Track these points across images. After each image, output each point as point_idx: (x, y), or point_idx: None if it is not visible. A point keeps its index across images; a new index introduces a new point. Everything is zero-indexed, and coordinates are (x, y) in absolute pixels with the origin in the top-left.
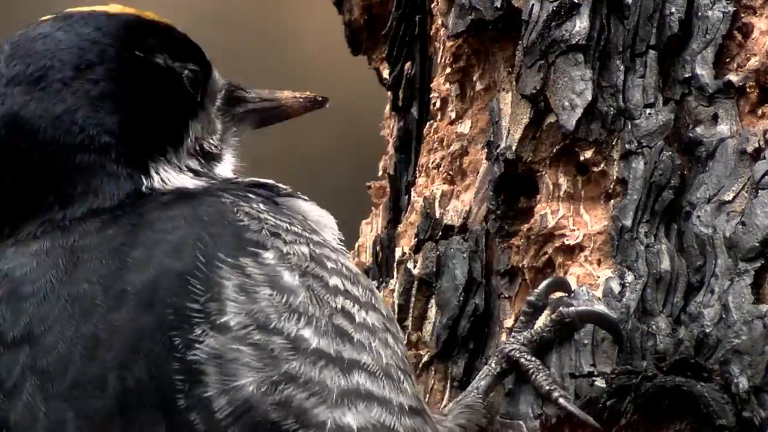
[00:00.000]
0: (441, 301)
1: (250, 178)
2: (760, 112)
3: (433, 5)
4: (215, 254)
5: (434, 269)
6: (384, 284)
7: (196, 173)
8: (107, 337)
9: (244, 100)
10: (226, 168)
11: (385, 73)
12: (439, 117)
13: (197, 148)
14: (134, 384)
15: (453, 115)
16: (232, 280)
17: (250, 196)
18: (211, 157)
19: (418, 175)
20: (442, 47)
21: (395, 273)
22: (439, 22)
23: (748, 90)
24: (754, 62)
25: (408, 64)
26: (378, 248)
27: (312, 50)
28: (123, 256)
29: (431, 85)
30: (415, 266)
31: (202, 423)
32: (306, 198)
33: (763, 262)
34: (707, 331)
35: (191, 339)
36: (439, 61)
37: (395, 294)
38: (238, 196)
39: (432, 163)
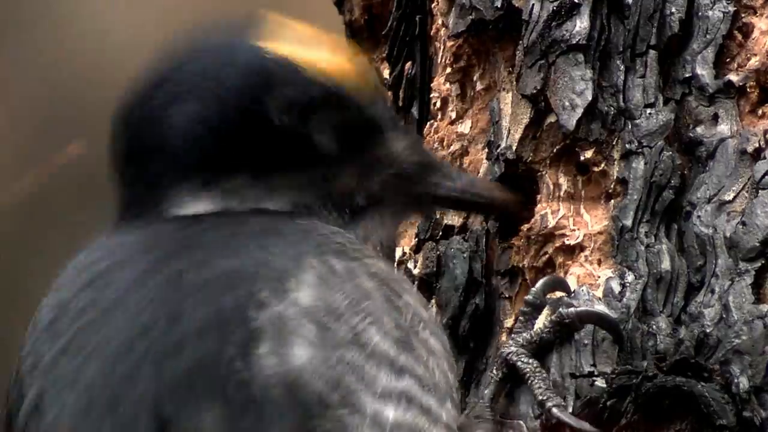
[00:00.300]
0: (441, 301)
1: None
2: (760, 112)
3: (433, 5)
4: (306, 249)
5: (434, 269)
6: None
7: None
8: (191, 311)
9: (439, 183)
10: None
11: (386, 73)
12: (439, 117)
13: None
14: (210, 352)
15: (453, 115)
16: (316, 269)
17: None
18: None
19: None
20: (442, 47)
21: None
22: (440, 22)
23: (748, 90)
24: (754, 62)
25: (408, 64)
26: (378, 248)
27: None
28: (211, 252)
29: (431, 85)
30: (415, 266)
31: (246, 388)
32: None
33: (763, 262)
34: (708, 331)
35: (260, 303)
36: (439, 61)
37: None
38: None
39: None
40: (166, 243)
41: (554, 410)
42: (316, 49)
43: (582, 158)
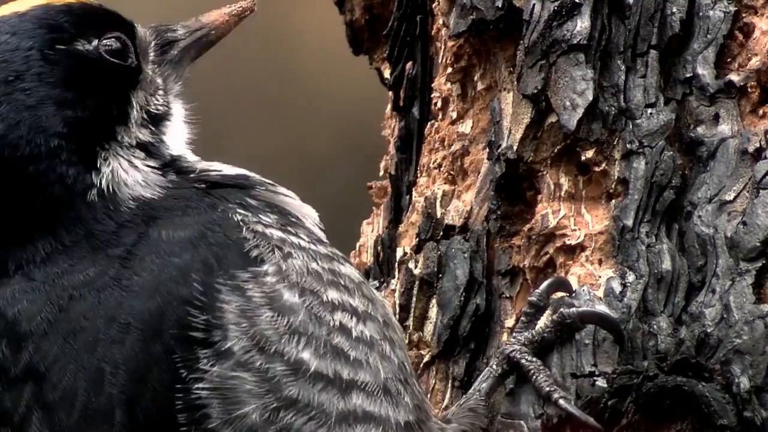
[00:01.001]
0: (442, 301)
1: (215, 167)
2: (761, 111)
3: (434, 5)
4: (217, 276)
5: (435, 269)
6: (385, 284)
7: (148, 152)
8: (112, 370)
9: (175, 40)
10: (177, 125)
11: (387, 73)
12: (440, 117)
13: (144, 116)
14: (142, 416)
15: (454, 114)
16: (233, 303)
17: (245, 202)
18: (159, 119)
19: (419, 175)
20: (443, 47)
21: (396, 273)
22: (441, 21)
23: (749, 90)
24: (755, 62)
25: (409, 64)
26: (379, 248)
27: (312, 50)
28: (123, 287)
29: (432, 84)
30: (416, 266)
31: None
32: (283, 189)
33: (764, 261)
34: (708, 330)
35: (195, 370)
36: (440, 61)
37: (396, 294)
38: (234, 204)
39: (433, 163)
40: (66, 285)
41: (561, 402)
42: None
43: (583, 158)
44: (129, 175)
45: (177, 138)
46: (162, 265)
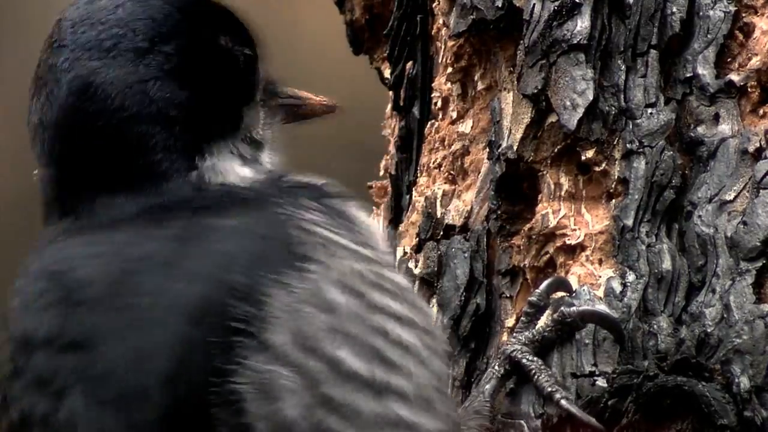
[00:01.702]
0: (442, 301)
1: (297, 176)
2: (761, 111)
3: (434, 5)
4: (264, 270)
5: (435, 269)
6: None
7: (246, 161)
8: (153, 351)
9: (276, 93)
10: (268, 158)
11: (387, 73)
12: (440, 116)
13: (248, 134)
14: (177, 401)
15: (454, 114)
16: (277, 297)
17: (305, 203)
18: (257, 146)
19: (419, 174)
20: (443, 47)
21: None
22: (441, 21)
23: (749, 90)
24: (755, 62)
25: (409, 64)
26: None
27: (312, 50)
28: (173, 268)
29: (432, 84)
30: (416, 266)
31: None
32: (354, 201)
33: (764, 261)
34: (709, 330)
35: (233, 362)
36: (440, 61)
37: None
38: (294, 204)
39: (433, 162)
40: (128, 256)
41: (563, 402)
42: None
43: (583, 158)
44: (226, 171)
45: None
46: (209, 252)
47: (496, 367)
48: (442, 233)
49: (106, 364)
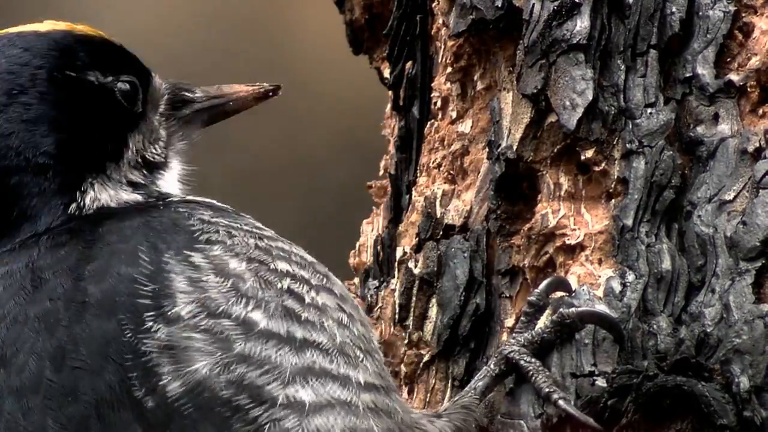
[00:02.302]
0: (442, 301)
1: (190, 197)
2: (760, 111)
3: (434, 5)
4: (166, 254)
5: (435, 269)
6: (385, 284)
7: (136, 186)
8: (73, 348)
9: (190, 101)
10: (171, 177)
11: (386, 73)
12: (440, 116)
13: (139, 160)
14: (106, 388)
15: (454, 114)
16: (182, 273)
17: (198, 207)
18: (155, 167)
19: (419, 174)
20: (443, 47)
21: (396, 272)
22: (440, 21)
23: (748, 89)
24: (754, 62)
25: (409, 64)
26: (379, 248)
27: (312, 50)
28: (81, 271)
29: (432, 84)
30: (416, 266)
31: (160, 409)
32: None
33: (763, 261)
34: (708, 330)
35: (144, 333)
36: (440, 61)
37: (396, 293)
38: (190, 206)
39: (433, 162)
40: (38, 267)
41: (561, 402)
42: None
43: (583, 158)
44: (107, 199)
45: (169, 188)
46: (111, 252)
47: (492, 366)
48: (441, 233)
49: (26, 374)
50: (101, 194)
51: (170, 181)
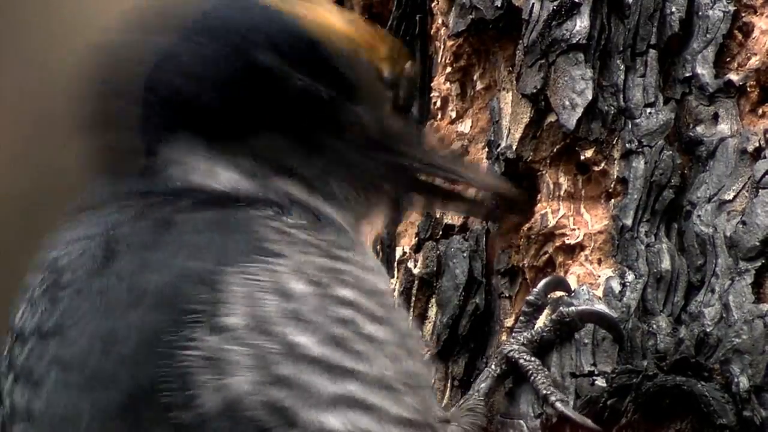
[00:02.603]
0: (441, 301)
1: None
2: (760, 111)
3: (433, 4)
4: (229, 260)
5: (435, 268)
6: None
7: (254, 177)
8: (125, 334)
9: (387, 147)
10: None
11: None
12: (439, 116)
13: (282, 163)
14: (145, 381)
15: (453, 114)
16: (240, 285)
17: (286, 209)
18: (290, 178)
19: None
20: (442, 46)
21: (396, 272)
22: (440, 21)
23: (748, 89)
24: (754, 61)
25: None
26: (378, 247)
27: None
28: (149, 255)
29: (432, 84)
30: (415, 265)
31: (195, 420)
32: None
33: (763, 261)
34: (708, 330)
35: (190, 339)
36: (439, 61)
37: (395, 293)
38: (273, 206)
39: None
40: (114, 237)
41: (558, 405)
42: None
43: (582, 158)
44: (217, 178)
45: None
46: (180, 244)
47: (493, 367)
48: (441, 233)
49: (76, 349)
50: (220, 174)
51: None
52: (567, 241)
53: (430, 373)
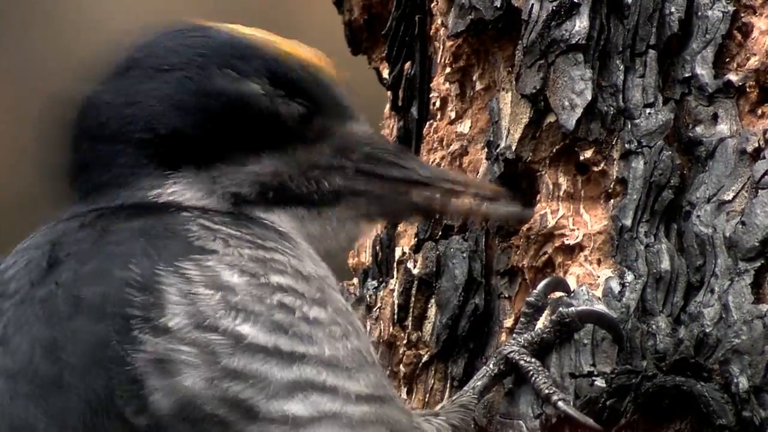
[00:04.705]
0: (441, 301)
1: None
2: (759, 111)
3: (432, 5)
4: (158, 263)
5: (434, 269)
6: (384, 284)
7: (221, 198)
8: (65, 343)
9: (369, 157)
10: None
11: (385, 73)
12: (438, 117)
13: (256, 184)
14: (93, 393)
15: (453, 114)
16: (173, 285)
17: (222, 219)
18: (253, 198)
19: None
20: (441, 47)
21: (395, 273)
22: (439, 21)
23: (747, 90)
24: (753, 62)
25: (408, 64)
26: (378, 248)
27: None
28: (83, 264)
29: (431, 84)
30: (414, 266)
31: (151, 424)
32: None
33: (763, 261)
34: (707, 330)
35: (133, 344)
36: (438, 61)
37: (395, 294)
38: (203, 211)
39: (432, 162)
40: (58, 247)
41: (560, 404)
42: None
43: (581, 158)
44: (182, 195)
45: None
46: (110, 253)
47: (491, 366)
48: (440, 233)
49: (19, 357)
50: (183, 191)
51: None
52: (566, 242)
53: (373, 349)
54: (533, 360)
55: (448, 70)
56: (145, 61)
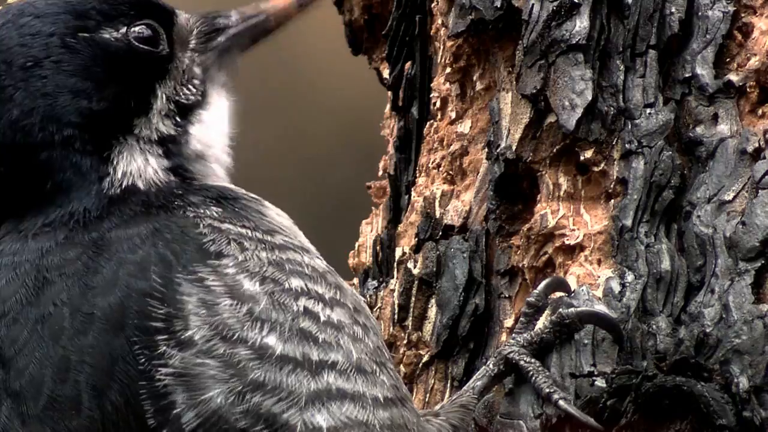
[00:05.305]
0: (441, 301)
1: (212, 184)
2: (760, 111)
3: (433, 5)
4: (176, 271)
5: (434, 269)
6: (384, 284)
7: (167, 147)
8: (78, 360)
9: (224, 27)
10: (213, 115)
11: (386, 73)
12: (439, 117)
13: (171, 107)
14: (111, 407)
15: (453, 114)
16: (194, 295)
17: (207, 203)
18: (189, 110)
19: (418, 174)
20: (442, 47)
21: (395, 273)
22: (440, 21)
23: (748, 90)
24: (754, 62)
25: (408, 64)
26: (378, 248)
27: (312, 50)
28: (88, 279)
29: (431, 84)
30: (415, 266)
31: None
32: (268, 204)
33: (763, 261)
34: (707, 330)
35: (157, 359)
36: (439, 61)
37: (395, 294)
38: (197, 204)
39: (432, 162)
40: (44, 267)
41: (561, 402)
42: None
43: (582, 158)
44: (140, 173)
45: (212, 129)
46: (120, 262)
47: (491, 366)
48: (441, 233)
49: (31, 377)
50: (130, 165)
51: (213, 123)
52: (567, 242)
53: (382, 337)
54: (533, 360)
55: (448, 70)
56: (4, 70)
